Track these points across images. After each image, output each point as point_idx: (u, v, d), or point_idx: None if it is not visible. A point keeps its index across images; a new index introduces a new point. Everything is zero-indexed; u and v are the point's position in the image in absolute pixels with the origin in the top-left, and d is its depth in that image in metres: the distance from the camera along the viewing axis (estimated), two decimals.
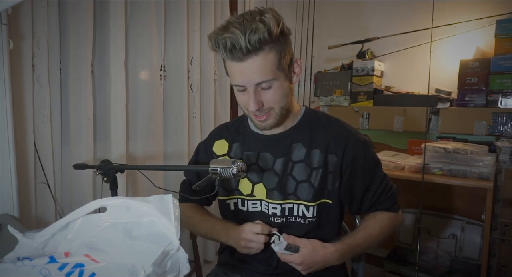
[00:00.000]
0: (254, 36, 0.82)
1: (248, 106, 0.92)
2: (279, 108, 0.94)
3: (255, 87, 0.89)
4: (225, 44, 0.84)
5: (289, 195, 0.99)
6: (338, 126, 1.04)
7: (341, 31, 2.58)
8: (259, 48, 0.85)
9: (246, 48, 0.83)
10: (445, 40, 2.17)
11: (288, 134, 1.02)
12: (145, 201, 0.72)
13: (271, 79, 0.89)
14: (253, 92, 0.90)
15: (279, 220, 1.01)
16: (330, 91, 2.43)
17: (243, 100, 0.93)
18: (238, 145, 1.07)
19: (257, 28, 0.82)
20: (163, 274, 0.66)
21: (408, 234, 2.22)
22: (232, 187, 1.06)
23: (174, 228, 0.69)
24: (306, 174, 0.99)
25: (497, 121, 1.90)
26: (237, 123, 1.13)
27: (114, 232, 0.71)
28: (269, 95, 0.91)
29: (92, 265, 0.64)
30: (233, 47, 0.84)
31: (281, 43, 0.89)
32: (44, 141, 1.56)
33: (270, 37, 0.85)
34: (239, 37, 0.82)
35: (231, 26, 0.84)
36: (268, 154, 1.02)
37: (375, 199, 1.02)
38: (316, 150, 0.99)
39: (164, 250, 0.67)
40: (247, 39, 0.82)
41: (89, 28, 1.67)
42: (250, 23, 0.83)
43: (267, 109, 0.93)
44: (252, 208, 1.04)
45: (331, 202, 1.00)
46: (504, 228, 1.78)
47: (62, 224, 0.71)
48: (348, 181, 1.00)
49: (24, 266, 0.64)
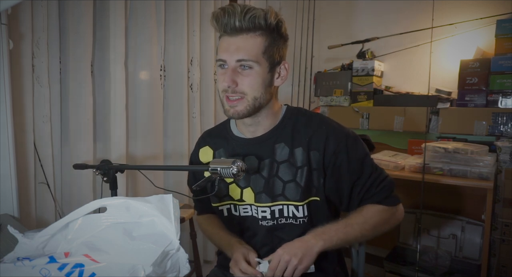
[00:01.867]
0: (249, 14, 0.88)
1: (224, 86, 0.92)
2: (252, 96, 0.92)
3: (235, 64, 0.91)
4: (222, 14, 0.89)
5: (277, 196, 0.98)
6: (318, 122, 1.00)
7: (341, 31, 2.58)
8: (252, 28, 0.90)
9: (240, 24, 0.89)
10: (445, 40, 2.17)
11: (270, 135, 1.00)
12: (145, 201, 0.72)
13: (253, 61, 0.90)
14: (232, 68, 0.91)
15: (270, 223, 1.00)
16: (330, 91, 2.43)
17: (221, 79, 0.94)
18: (222, 151, 1.06)
19: (255, 10, 0.89)
20: (163, 274, 0.66)
21: (408, 234, 2.22)
22: (223, 193, 1.05)
23: (174, 228, 0.69)
24: (291, 174, 0.97)
25: (497, 121, 1.90)
26: (219, 129, 1.12)
27: (114, 232, 0.71)
28: (246, 78, 0.92)
29: (92, 265, 0.64)
30: (229, 20, 0.89)
31: (274, 36, 0.93)
32: (44, 141, 1.56)
33: (265, 23, 0.90)
34: (236, 12, 0.88)
35: (232, 4, 0.91)
36: (253, 157, 1.00)
37: (363, 193, 0.98)
38: (298, 148, 0.97)
39: (164, 250, 0.67)
40: (242, 15, 0.88)
41: (89, 28, 1.67)
42: (250, 6, 0.90)
43: (240, 92, 0.92)
44: (244, 213, 1.04)
45: (319, 200, 0.98)
46: (504, 228, 1.78)
47: (62, 224, 0.71)
48: (333, 177, 0.97)
49: (24, 266, 0.64)
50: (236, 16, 0.88)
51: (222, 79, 0.93)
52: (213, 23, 0.93)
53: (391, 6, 2.40)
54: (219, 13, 0.90)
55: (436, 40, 2.12)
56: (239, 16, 0.88)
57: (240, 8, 0.88)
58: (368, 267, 2.19)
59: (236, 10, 0.88)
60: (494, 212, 1.77)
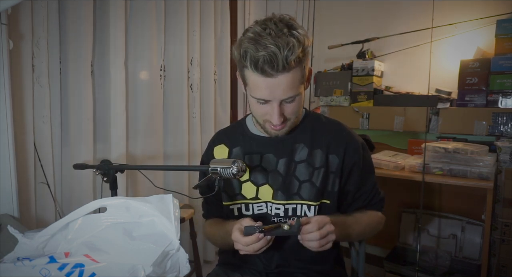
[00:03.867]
0: (292, 55, 0.81)
1: (269, 118, 0.92)
2: (295, 117, 0.96)
3: (280, 101, 0.89)
4: (260, 60, 0.81)
5: (293, 195, 1.00)
6: (338, 128, 1.06)
7: (341, 31, 2.58)
8: (294, 66, 0.83)
9: (283, 66, 0.81)
10: (445, 40, 2.17)
11: (290, 135, 1.03)
12: (145, 201, 0.72)
13: (297, 95, 0.89)
14: (278, 106, 0.89)
15: (282, 221, 1.01)
16: (330, 91, 2.43)
17: (262, 111, 0.92)
18: (239, 149, 1.07)
19: (294, 45, 0.81)
20: (163, 274, 0.66)
21: (408, 234, 2.22)
22: (235, 192, 1.05)
23: (174, 228, 0.70)
24: (308, 174, 0.99)
25: (497, 121, 1.90)
26: (235, 128, 1.13)
27: (114, 232, 0.71)
28: (291, 108, 0.92)
29: (92, 265, 0.64)
30: (268, 64, 0.81)
31: (305, 57, 0.88)
32: (44, 141, 1.56)
33: (303, 54, 0.84)
34: (277, 55, 0.80)
35: (263, 40, 0.81)
36: (271, 155, 1.02)
37: (369, 200, 1.06)
38: (317, 150, 1.01)
39: (164, 250, 0.68)
40: (284, 58, 0.80)
41: (89, 28, 1.67)
42: (284, 40, 0.81)
43: (286, 120, 0.94)
44: (258, 211, 1.04)
45: (329, 203, 1.01)
46: (504, 228, 1.77)
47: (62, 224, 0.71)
48: (344, 181, 1.03)
49: (24, 266, 0.64)
50: (278, 61, 0.80)
51: (265, 113, 0.91)
52: (241, 61, 0.85)
53: (391, 6, 2.40)
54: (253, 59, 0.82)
55: (436, 40, 2.12)
56: (281, 61, 0.80)
57: (277, 48, 0.80)
58: (368, 267, 2.19)
59: (276, 55, 0.80)
60: (494, 212, 1.77)
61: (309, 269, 1.03)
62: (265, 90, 0.86)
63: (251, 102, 0.94)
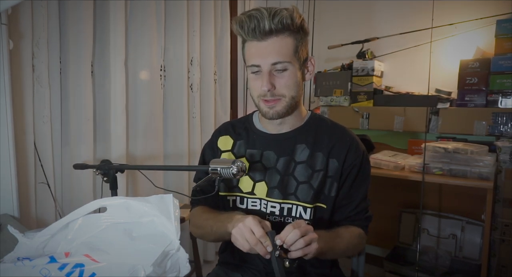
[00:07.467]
0: (277, 16, 0.88)
1: (262, 93, 0.93)
2: (290, 96, 0.95)
3: (270, 67, 0.91)
4: (249, 21, 0.89)
5: (289, 195, 1.00)
6: (342, 132, 1.04)
7: (341, 31, 2.58)
8: (280, 29, 0.90)
9: (269, 27, 0.89)
10: (445, 40, 2.17)
11: (293, 134, 1.03)
12: (145, 201, 0.72)
13: (287, 61, 0.92)
14: (267, 72, 0.92)
15: (277, 219, 1.01)
16: (330, 91, 2.43)
17: (256, 84, 0.95)
18: (242, 142, 1.08)
19: (281, 12, 0.89)
20: (163, 274, 0.66)
21: (408, 234, 2.22)
22: (233, 184, 1.06)
23: (174, 228, 0.70)
24: (307, 176, 0.99)
25: (497, 121, 1.90)
26: (242, 121, 1.14)
27: (114, 232, 0.71)
28: (283, 80, 0.93)
29: (92, 265, 0.64)
30: (257, 25, 0.89)
31: (300, 35, 0.94)
32: (44, 141, 1.56)
33: (292, 23, 0.90)
34: (264, 16, 0.88)
35: (257, 8, 0.91)
36: (272, 153, 1.03)
37: (354, 214, 1.01)
38: (319, 153, 1.00)
39: (164, 250, 0.67)
40: (270, 18, 0.88)
41: (89, 28, 1.67)
42: (275, 8, 0.90)
43: (279, 95, 0.94)
44: (252, 207, 1.04)
45: (325, 207, 1.00)
46: (504, 228, 1.78)
47: (62, 224, 0.72)
48: (340, 186, 1.00)
49: (24, 266, 0.64)
50: (264, 20, 0.88)
51: (259, 84, 0.93)
52: (237, 29, 0.92)
53: (391, 6, 2.41)
54: (244, 19, 0.90)
55: (436, 40, 2.12)
56: (267, 19, 0.88)
57: (267, 12, 0.89)
58: (368, 267, 2.19)
59: (263, 14, 0.88)
60: (494, 212, 1.77)
61: (309, 270, 1.03)
62: (256, 55, 0.92)
63: (248, 79, 0.98)
